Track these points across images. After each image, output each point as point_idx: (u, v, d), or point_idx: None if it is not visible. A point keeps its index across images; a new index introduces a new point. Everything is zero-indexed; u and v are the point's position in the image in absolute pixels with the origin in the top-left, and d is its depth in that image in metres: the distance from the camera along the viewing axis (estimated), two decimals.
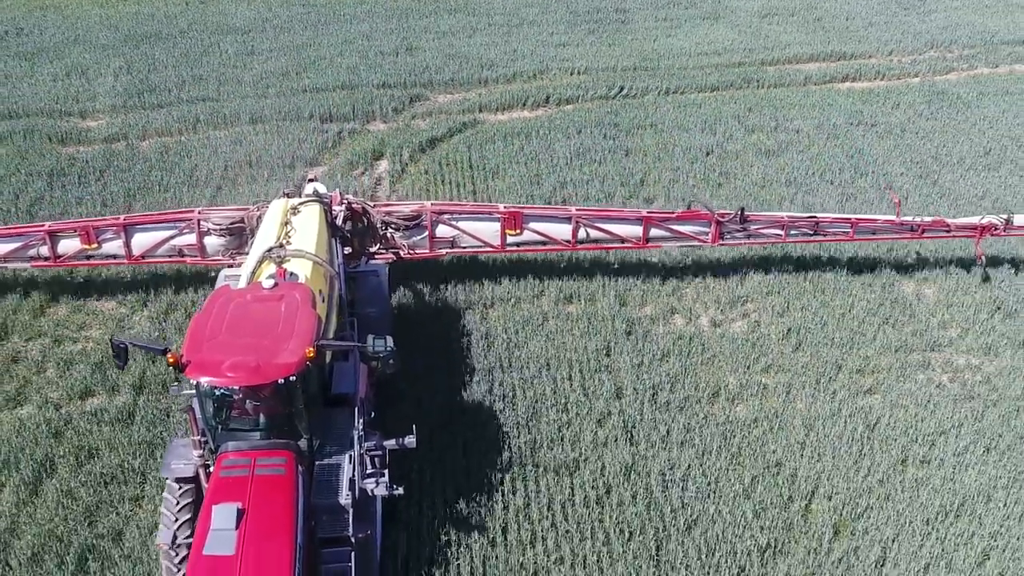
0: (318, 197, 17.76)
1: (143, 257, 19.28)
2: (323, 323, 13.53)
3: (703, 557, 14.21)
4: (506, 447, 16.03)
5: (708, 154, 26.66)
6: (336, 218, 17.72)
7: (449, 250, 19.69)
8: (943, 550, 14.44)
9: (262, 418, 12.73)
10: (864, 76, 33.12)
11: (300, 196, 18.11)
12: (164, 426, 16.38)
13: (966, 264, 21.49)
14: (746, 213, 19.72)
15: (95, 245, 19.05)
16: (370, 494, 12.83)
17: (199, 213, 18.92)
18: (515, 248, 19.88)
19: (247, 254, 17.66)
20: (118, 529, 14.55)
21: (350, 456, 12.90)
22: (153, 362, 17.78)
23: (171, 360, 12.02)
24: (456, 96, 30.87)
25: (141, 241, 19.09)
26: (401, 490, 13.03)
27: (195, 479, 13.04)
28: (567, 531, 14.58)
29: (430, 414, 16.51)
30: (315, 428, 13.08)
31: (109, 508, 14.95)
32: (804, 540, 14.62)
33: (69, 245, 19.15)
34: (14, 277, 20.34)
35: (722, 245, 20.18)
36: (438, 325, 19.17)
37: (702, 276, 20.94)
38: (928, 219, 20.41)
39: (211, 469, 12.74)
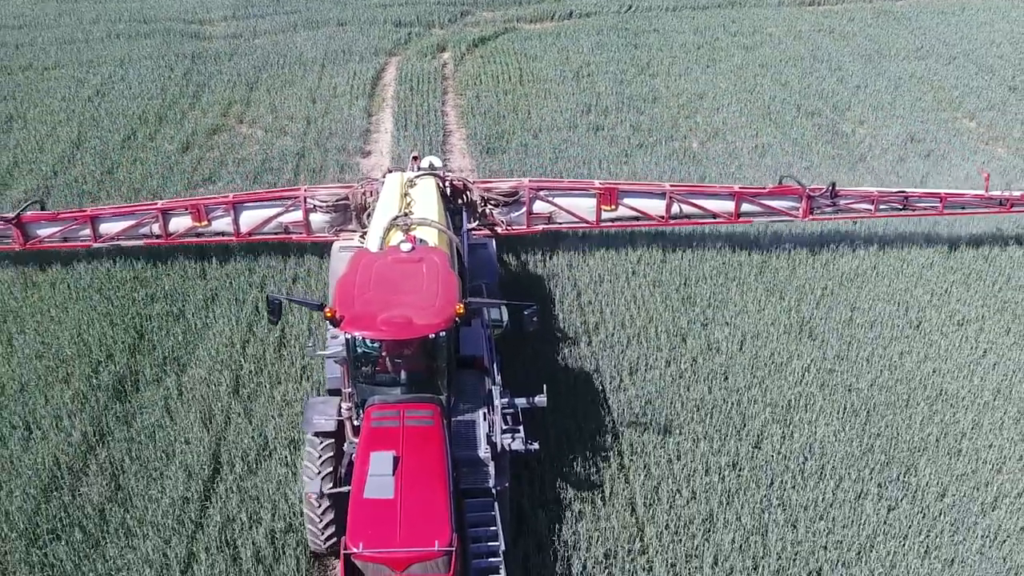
0: (433, 170, 18.60)
1: (251, 235, 19.67)
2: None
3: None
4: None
5: (699, 48, 34.14)
6: (446, 191, 18.56)
7: (546, 226, 20.08)
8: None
9: (403, 374, 13.11)
10: (829, 1, 40.59)
11: (403, 172, 18.59)
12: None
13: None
14: (836, 188, 19.91)
15: (205, 223, 19.45)
16: (507, 449, 12.96)
17: (305, 191, 19.43)
18: (610, 224, 20.11)
19: (352, 230, 19.10)
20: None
21: (483, 413, 13.36)
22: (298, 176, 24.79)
23: (328, 314, 12.29)
24: (496, 13, 38.55)
25: (249, 219, 19.53)
26: (536, 445, 13.13)
27: (333, 434, 13.32)
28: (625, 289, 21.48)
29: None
30: (450, 386, 13.38)
31: None
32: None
33: (180, 223, 19.58)
34: None
35: (812, 220, 20.37)
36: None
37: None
38: (1017, 193, 20.47)
39: (355, 423, 13.20)
